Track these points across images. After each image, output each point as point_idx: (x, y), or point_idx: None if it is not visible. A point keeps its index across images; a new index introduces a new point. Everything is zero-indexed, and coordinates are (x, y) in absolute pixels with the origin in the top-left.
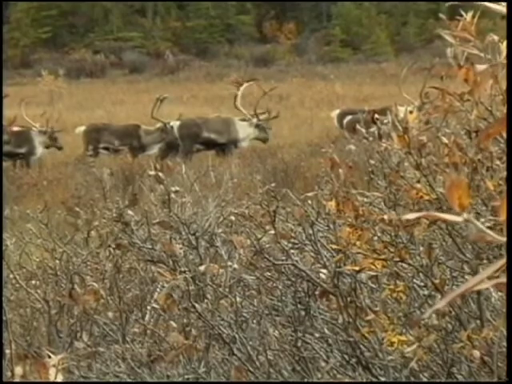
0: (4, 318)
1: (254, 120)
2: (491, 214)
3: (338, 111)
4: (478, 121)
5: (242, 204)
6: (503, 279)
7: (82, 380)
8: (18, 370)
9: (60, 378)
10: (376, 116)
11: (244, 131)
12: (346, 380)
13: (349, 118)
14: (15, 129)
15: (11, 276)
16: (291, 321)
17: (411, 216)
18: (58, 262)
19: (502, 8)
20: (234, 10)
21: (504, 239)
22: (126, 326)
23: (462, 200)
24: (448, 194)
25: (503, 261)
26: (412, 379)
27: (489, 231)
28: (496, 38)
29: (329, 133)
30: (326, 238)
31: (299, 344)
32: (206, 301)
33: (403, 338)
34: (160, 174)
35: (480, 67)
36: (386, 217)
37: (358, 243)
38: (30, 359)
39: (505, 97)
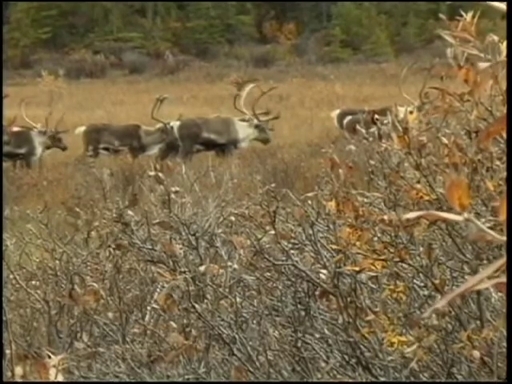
0: (4, 318)
1: (254, 120)
2: (491, 214)
3: (338, 111)
4: (477, 121)
5: (242, 204)
6: (503, 279)
7: (82, 380)
8: (18, 370)
9: (60, 379)
10: (376, 116)
11: (244, 132)
12: (346, 380)
13: (349, 118)
14: (15, 129)
15: (11, 276)
16: (291, 321)
17: (411, 215)
18: (57, 262)
19: (502, 5)
20: (234, 10)
21: (504, 238)
22: (126, 327)
23: (462, 200)
24: (448, 195)
25: (503, 260)
26: (412, 379)
27: (489, 230)
28: (496, 38)
29: (329, 133)
30: (325, 239)
31: (299, 344)
32: (205, 301)
33: (403, 338)
34: (160, 174)
35: (482, 65)
36: (386, 217)
37: (357, 243)
38: (30, 359)
39: (505, 97)
